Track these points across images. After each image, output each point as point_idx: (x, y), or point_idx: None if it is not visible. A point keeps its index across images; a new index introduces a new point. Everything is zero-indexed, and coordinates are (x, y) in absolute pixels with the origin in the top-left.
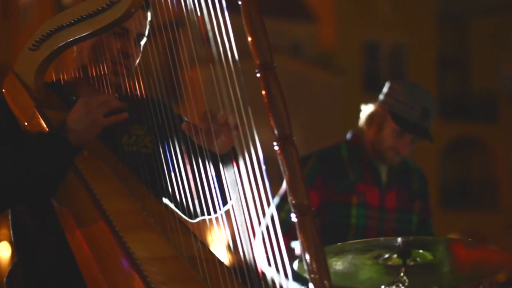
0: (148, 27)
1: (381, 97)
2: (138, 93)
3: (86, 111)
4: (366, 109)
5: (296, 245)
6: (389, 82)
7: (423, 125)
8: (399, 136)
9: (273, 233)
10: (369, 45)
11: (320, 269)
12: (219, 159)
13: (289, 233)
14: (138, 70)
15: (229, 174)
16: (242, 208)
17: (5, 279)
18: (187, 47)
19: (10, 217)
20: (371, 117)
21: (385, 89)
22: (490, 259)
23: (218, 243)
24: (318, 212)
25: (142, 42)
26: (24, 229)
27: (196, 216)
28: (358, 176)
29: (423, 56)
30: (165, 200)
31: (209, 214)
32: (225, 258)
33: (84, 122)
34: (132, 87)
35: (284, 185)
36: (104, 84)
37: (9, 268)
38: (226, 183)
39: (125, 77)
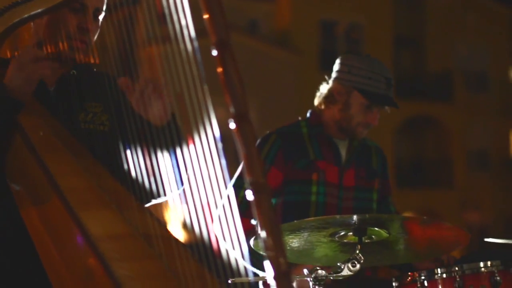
0: (105, 2)
1: (336, 74)
2: (95, 69)
3: (19, 67)
4: (323, 88)
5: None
6: (340, 58)
7: (389, 94)
8: (367, 110)
9: (229, 212)
10: (326, 24)
11: (276, 246)
12: (154, 128)
13: (248, 213)
14: (94, 47)
15: (181, 153)
16: (198, 186)
17: None
18: (143, 24)
19: None
20: (331, 96)
21: (339, 66)
22: (444, 236)
23: (174, 221)
24: (280, 189)
25: (100, 17)
26: None
27: (151, 198)
28: (318, 153)
29: (379, 36)
30: (122, 178)
31: (162, 195)
32: (181, 236)
33: (19, 78)
34: (89, 63)
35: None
36: (60, 60)
37: None
38: (177, 163)
39: (84, 52)
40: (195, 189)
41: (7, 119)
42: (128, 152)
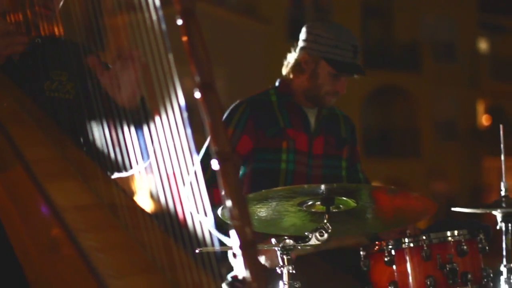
0: None
1: (304, 43)
2: (60, 37)
3: None
4: (291, 58)
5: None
6: (306, 26)
7: (357, 62)
8: (335, 79)
9: (196, 182)
10: None
11: (242, 215)
12: (121, 110)
13: (214, 183)
14: (59, 15)
15: (147, 126)
16: (163, 157)
17: None
18: None
19: None
20: (298, 66)
21: (306, 35)
22: (412, 206)
23: (140, 192)
24: (250, 157)
25: None
26: None
27: (116, 170)
28: (287, 122)
29: (347, 5)
30: (87, 149)
31: (128, 168)
32: (147, 206)
33: None
34: (54, 32)
35: None
36: (25, 29)
37: None
38: (142, 138)
39: (48, 20)
40: (161, 159)
41: None
42: (94, 122)
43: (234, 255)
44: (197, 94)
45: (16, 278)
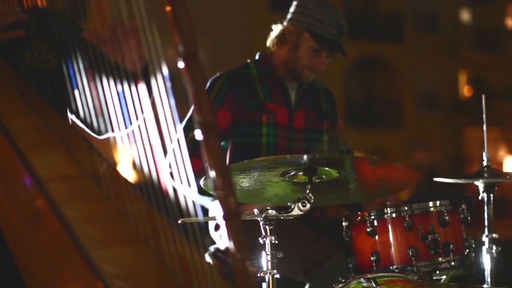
0: None
1: (291, 15)
2: (41, 6)
3: None
4: (276, 29)
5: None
6: (297, 0)
7: (340, 41)
8: (315, 54)
9: (179, 152)
10: None
11: (225, 186)
12: (129, 74)
13: (197, 153)
14: None
15: (140, 92)
16: (146, 126)
17: None
18: None
19: None
20: (282, 36)
21: (294, 8)
22: (394, 176)
23: (123, 162)
24: (229, 131)
25: None
26: None
27: (101, 133)
28: (267, 95)
29: None
30: (72, 117)
31: (111, 132)
32: (130, 176)
33: None
34: (35, 1)
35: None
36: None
37: None
38: (133, 100)
39: None
40: (144, 129)
41: None
42: (76, 90)
43: (216, 227)
44: (181, 64)
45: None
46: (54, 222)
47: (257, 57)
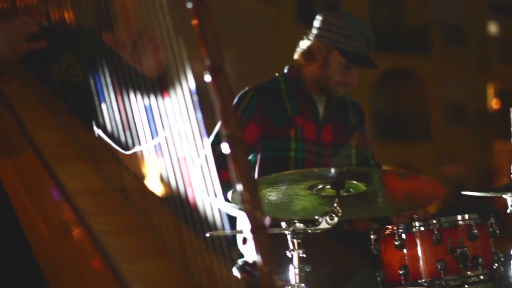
0: None
1: (317, 31)
2: (68, 21)
3: (6, 37)
4: (303, 45)
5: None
6: (321, 15)
7: (369, 54)
8: (346, 70)
9: (207, 165)
10: None
11: (252, 199)
12: (148, 81)
13: (224, 166)
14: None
15: (162, 103)
16: (173, 139)
17: None
18: None
19: None
20: (310, 53)
21: (320, 23)
22: (422, 189)
23: (150, 175)
24: (258, 145)
25: None
26: None
27: (129, 148)
28: (295, 109)
29: None
30: (98, 131)
31: (138, 145)
32: (157, 190)
33: (4, 47)
34: (62, 15)
35: None
36: (33, 13)
37: None
38: (159, 111)
39: (55, 4)
40: (171, 142)
41: None
42: (103, 103)
43: (244, 241)
44: (207, 78)
45: (27, 261)
46: (81, 235)
47: (285, 70)
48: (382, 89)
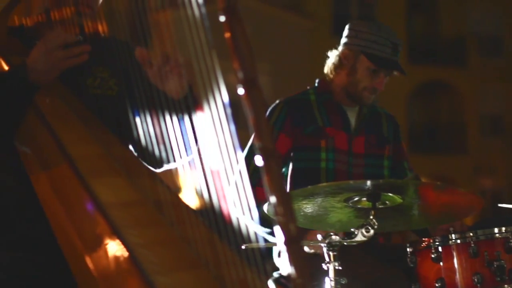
0: None
1: (345, 40)
2: (102, 34)
3: (46, 52)
4: (332, 55)
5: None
6: (349, 24)
7: (395, 59)
8: (374, 75)
9: (241, 179)
10: None
11: (286, 212)
12: (171, 101)
13: (260, 182)
14: (102, 11)
15: (190, 120)
16: (208, 153)
17: None
18: None
19: None
20: (339, 61)
21: (348, 32)
22: (458, 202)
23: (184, 188)
24: (289, 156)
25: None
26: None
27: (161, 164)
28: (326, 120)
29: (392, 0)
30: (130, 147)
31: (172, 161)
32: (192, 202)
33: (44, 63)
34: (96, 29)
35: None
36: (67, 26)
37: None
38: (190, 129)
39: (89, 17)
40: (205, 155)
41: (22, 99)
42: (137, 117)
43: (280, 253)
44: (241, 90)
45: (61, 272)
46: (116, 247)
47: (316, 83)
48: (418, 101)
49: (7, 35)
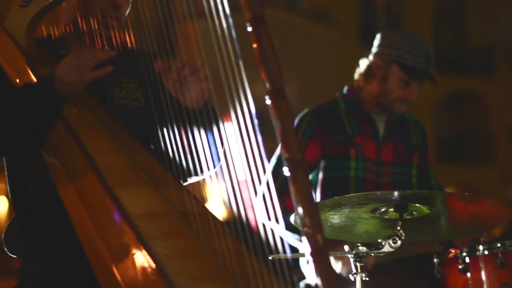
0: None
1: (377, 49)
2: (129, 45)
3: (76, 65)
4: (362, 63)
5: None
6: (381, 33)
7: (428, 70)
8: (405, 85)
9: (268, 189)
10: None
11: (313, 223)
12: (189, 111)
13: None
14: (129, 22)
15: (213, 131)
16: (234, 163)
17: (3, 234)
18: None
19: (6, 171)
20: (370, 71)
21: (380, 41)
22: (486, 213)
23: (211, 199)
24: (319, 165)
25: None
26: (20, 183)
27: (187, 176)
28: (355, 129)
29: (419, 9)
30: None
31: (199, 173)
32: (219, 213)
33: (72, 76)
34: (123, 40)
35: None
36: (95, 38)
37: (7, 223)
38: (212, 140)
39: (116, 29)
40: (232, 166)
41: (49, 110)
42: (164, 128)
43: (307, 261)
44: (268, 101)
45: (93, 285)
46: (142, 257)
47: (345, 91)
48: (445, 111)
49: (35, 46)
